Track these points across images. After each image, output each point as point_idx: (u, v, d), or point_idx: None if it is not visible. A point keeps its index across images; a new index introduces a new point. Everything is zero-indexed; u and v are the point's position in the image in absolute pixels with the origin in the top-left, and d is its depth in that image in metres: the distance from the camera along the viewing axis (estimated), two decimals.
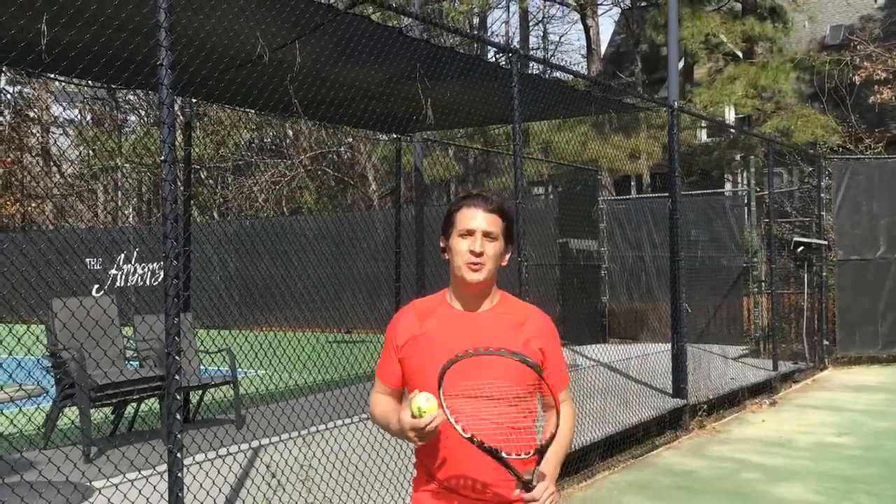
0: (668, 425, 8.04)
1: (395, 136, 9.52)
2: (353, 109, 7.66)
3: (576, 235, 14.06)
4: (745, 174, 25.09)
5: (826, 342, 12.44)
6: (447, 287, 2.48)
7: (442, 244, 2.45)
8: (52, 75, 6.17)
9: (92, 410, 6.35)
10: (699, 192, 15.48)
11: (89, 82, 6.47)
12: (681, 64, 26.99)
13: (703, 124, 24.71)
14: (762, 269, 12.72)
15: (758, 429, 8.33)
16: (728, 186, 25.29)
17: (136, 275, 21.24)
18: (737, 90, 21.74)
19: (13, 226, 28.45)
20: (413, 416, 2.13)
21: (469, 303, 2.41)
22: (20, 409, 6.11)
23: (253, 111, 7.51)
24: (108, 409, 7.11)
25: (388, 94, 6.57)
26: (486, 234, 2.36)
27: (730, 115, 26.21)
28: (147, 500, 4.47)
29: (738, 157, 23.54)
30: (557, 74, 6.56)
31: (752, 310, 12.91)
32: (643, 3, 27.38)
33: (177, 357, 3.64)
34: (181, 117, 7.91)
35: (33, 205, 29.63)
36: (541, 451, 2.17)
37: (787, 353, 12.00)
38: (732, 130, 20.71)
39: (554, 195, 16.18)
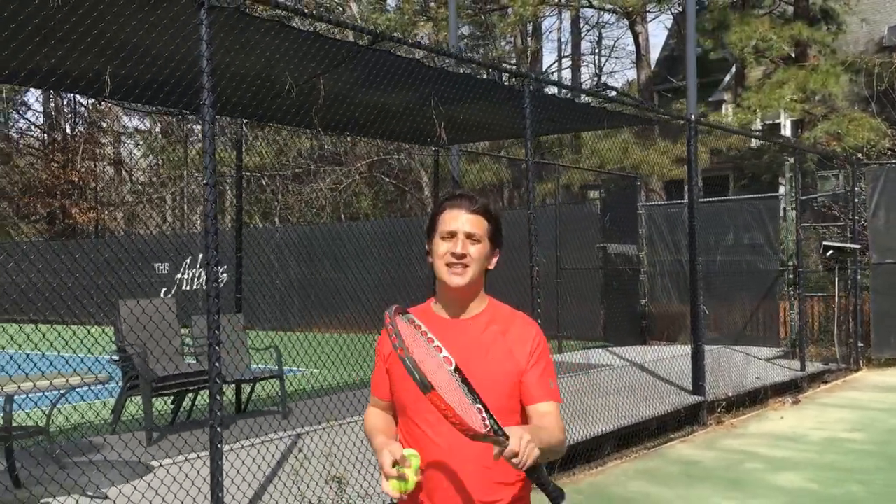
0: (685, 420, 8.50)
1: (433, 148, 10.16)
2: (393, 125, 8.32)
3: (617, 240, 14.52)
4: (797, 178, 25.11)
5: (861, 344, 12.65)
6: (431, 297, 2.42)
7: (427, 247, 2.35)
8: (114, 101, 6.99)
9: (154, 400, 7.15)
10: (735, 197, 15.77)
11: (145, 106, 7.28)
12: (733, 69, 27.13)
13: (755, 126, 24.88)
14: (798, 272, 12.99)
15: (774, 425, 8.72)
16: (782, 190, 25.35)
17: (201, 279, 22.25)
18: (785, 94, 21.77)
19: (88, 232, 29.97)
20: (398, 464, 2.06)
21: (454, 309, 2.32)
22: (94, 398, 6.93)
23: (291, 128, 8.24)
24: (168, 400, 7.90)
25: (418, 112, 7.21)
26: (469, 236, 2.26)
27: (785, 120, 26.23)
28: (194, 480, 5.18)
29: (790, 161, 23.59)
30: (570, 90, 7.09)
31: (788, 312, 13.19)
32: (696, 7, 27.51)
33: (216, 348, 4.33)
34: (228, 128, 8.70)
35: (106, 212, 31.17)
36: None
37: (821, 355, 12.31)
38: (758, 138, 20.78)
39: (599, 201, 16.62)
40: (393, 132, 8.35)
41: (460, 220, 2.27)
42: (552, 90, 7.23)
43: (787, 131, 26.46)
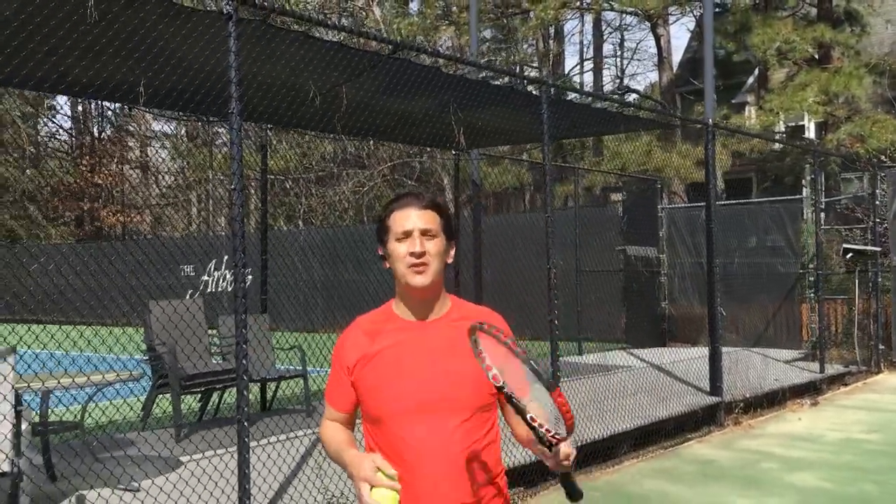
0: (702, 421, 8.61)
1: (453, 152, 10.34)
2: (413, 131, 8.52)
3: (637, 242, 14.62)
4: (818, 180, 25.03)
5: (882, 347, 12.67)
6: (392, 299, 2.35)
7: (380, 252, 2.31)
8: (146, 108, 7.24)
9: (182, 398, 7.37)
10: (756, 200, 15.81)
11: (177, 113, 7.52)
12: (756, 71, 27.08)
13: (778, 128, 24.86)
14: (818, 275, 13.03)
15: (792, 426, 8.81)
16: (805, 192, 25.30)
17: (226, 280, 22.53)
18: (807, 96, 21.73)
19: (114, 235, 30.45)
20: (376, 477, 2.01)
21: (418, 311, 2.27)
22: (124, 399, 7.18)
23: (315, 134, 8.47)
24: (196, 398, 8.13)
25: (437, 117, 7.39)
26: (424, 233, 2.22)
27: (808, 122, 26.15)
28: (224, 473, 5.38)
29: (809, 163, 23.60)
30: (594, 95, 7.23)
31: (808, 315, 13.23)
32: (718, 9, 27.58)
33: (244, 345, 4.52)
34: (252, 132, 8.95)
35: (133, 215, 31.65)
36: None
37: (844, 358, 12.35)
38: (778, 140, 20.76)
39: (620, 203, 16.73)
40: (414, 137, 8.56)
41: (412, 219, 2.23)
42: (570, 95, 7.38)
43: (811, 133, 26.39)
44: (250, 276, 21.16)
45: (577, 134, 8.73)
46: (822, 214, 13.90)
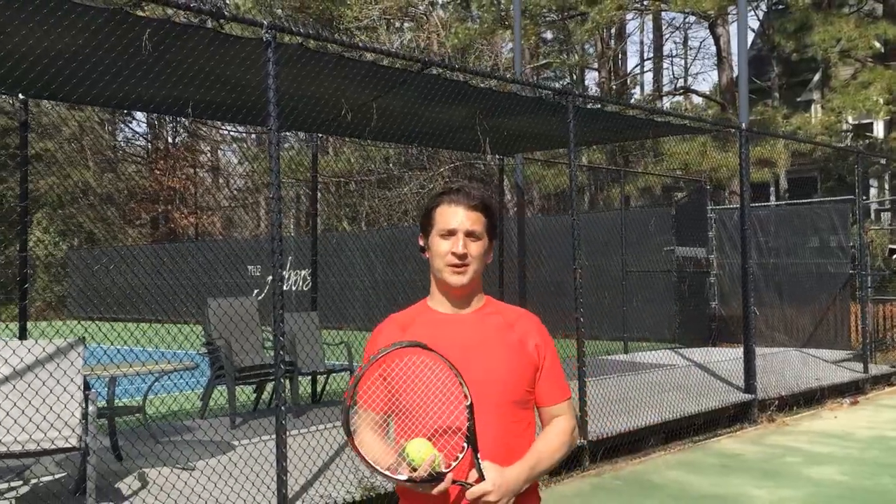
0: (735, 418, 8.84)
1: (498, 157, 10.76)
2: (449, 137, 8.98)
3: (687, 243, 14.79)
4: (882, 181, 24.64)
5: None
6: (426, 297, 2.32)
7: (420, 242, 2.27)
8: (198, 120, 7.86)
9: (237, 389, 7.97)
10: (807, 201, 15.79)
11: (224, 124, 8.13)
12: (821, 68, 26.75)
13: (844, 128, 24.53)
14: (861, 274, 13.03)
15: (826, 424, 8.96)
16: (873, 193, 24.96)
17: (291, 281, 23.32)
18: (871, 95, 21.45)
19: (187, 236, 31.68)
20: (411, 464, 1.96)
21: (454, 304, 2.24)
22: (192, 391, 7.81)
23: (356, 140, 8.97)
24: (252, 389, 8.73)
25: (469, 125, 7.84)
26: (469, 234, 2.18)
27: (876, 120, 25.71)
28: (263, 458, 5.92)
29: (882, 162, 23.32)
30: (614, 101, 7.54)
31: (858, 315, 13.22)
32: (780, 6, 27.32)
33: (281, 338, 5.03)
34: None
35: (204, 216, 32.88)
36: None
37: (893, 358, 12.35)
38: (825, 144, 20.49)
39: (672, 204, 16.88)
40: (449, 142, 9.01)
41: (459, 218, 2.18)
42: (594, 100, 7.73)
43: (878, 131, 25.99)
44: (309, 277, 21.74)
45: (608, 139, 9.07)
46: (877, 215, 13.85)
